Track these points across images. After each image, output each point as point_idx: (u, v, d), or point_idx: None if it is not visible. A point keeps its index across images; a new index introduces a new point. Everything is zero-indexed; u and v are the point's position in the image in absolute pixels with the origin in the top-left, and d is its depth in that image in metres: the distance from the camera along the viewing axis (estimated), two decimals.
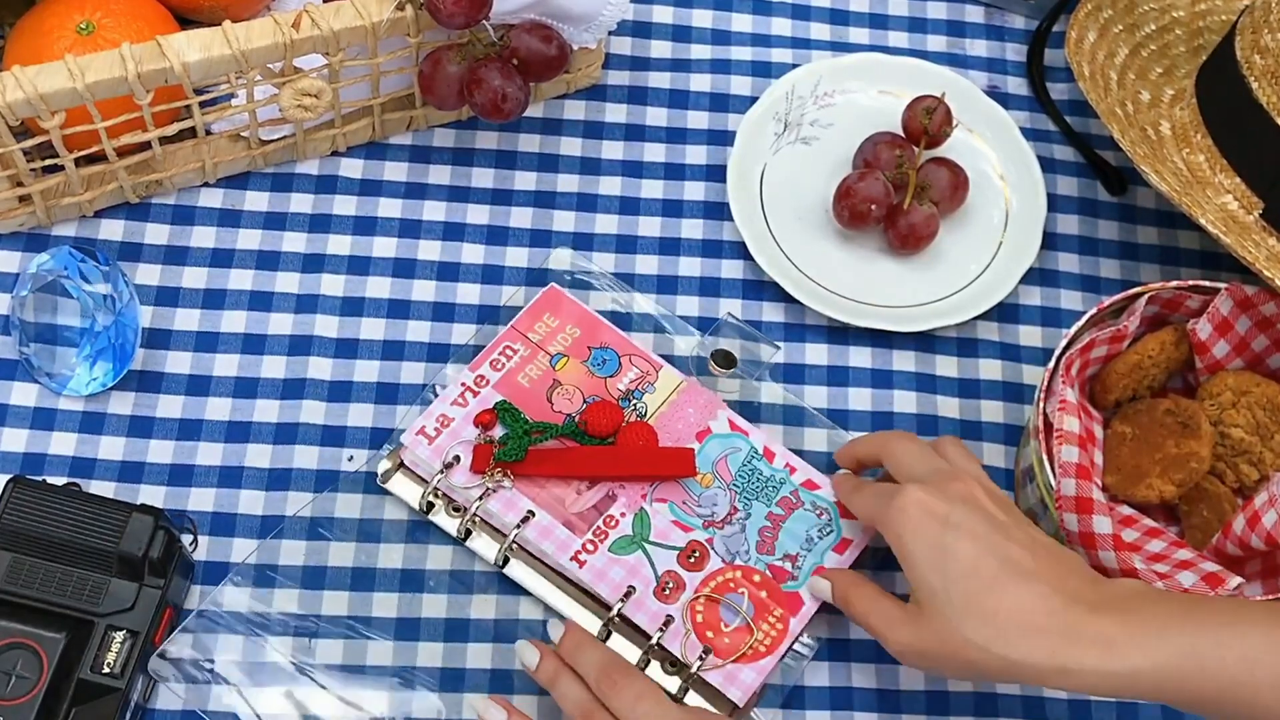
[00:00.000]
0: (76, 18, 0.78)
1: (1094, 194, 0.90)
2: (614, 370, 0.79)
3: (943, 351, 0.84)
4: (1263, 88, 0.77)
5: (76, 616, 0.68)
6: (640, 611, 0.72)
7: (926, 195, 0.85)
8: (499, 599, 0.74)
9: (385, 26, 0.76)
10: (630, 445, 0.76)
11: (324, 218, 0.84)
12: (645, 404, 0.78)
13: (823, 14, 0.95)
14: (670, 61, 0.92)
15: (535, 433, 0.75)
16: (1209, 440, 0.76)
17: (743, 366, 0.81)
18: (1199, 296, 0.78)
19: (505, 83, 0.78)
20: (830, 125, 0.90)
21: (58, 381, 0.76)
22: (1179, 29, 0.92)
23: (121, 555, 0.67)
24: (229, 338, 0.80)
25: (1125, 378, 0.78)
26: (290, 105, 0.78)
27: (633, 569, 0.73)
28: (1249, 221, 0.79)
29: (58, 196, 0.80)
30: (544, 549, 0.73)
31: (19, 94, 0.71)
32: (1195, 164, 0.82)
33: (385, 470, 0.76)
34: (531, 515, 0.74)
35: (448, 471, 0.74)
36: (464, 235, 0.85)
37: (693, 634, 0.72)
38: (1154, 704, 0.75)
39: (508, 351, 0.78)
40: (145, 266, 0.81)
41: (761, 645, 0.72)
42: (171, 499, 0.76)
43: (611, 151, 0.88)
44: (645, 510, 0.75)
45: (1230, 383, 0.78)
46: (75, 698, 0.67)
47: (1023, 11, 0.96)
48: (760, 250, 0.84)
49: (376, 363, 0.80)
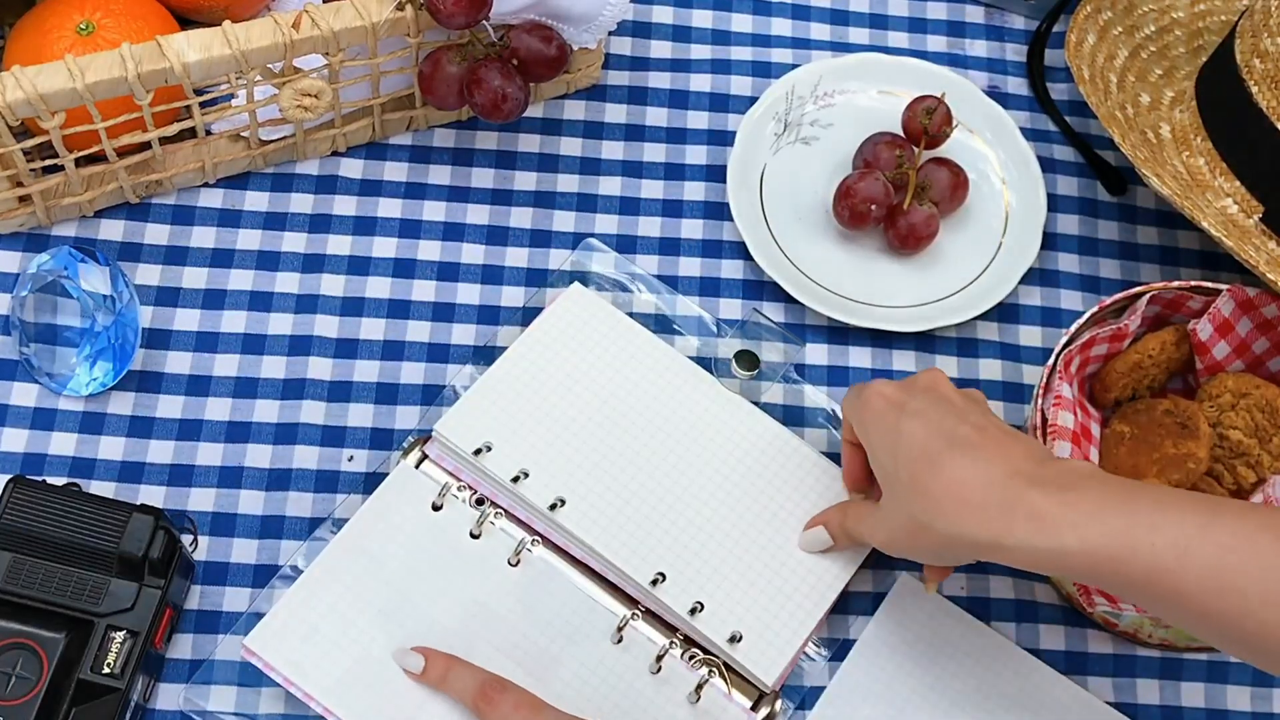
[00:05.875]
0: (76, 18, 0.78)
1: (1094, 194, 0.90)
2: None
3: (943, 351, 0.84)
4: (1262, 92, 0.77)
5: (76, 616, 0.68)
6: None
7: (926, 195, 0.85)
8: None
9: (385, 26, 0.76)
10: None
11: (324, 218, 0.84)
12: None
13: (823, 14, 0.95)
14: (670, 61, 0.92)
15: None
16: (1207, 441, 0.76)
17: (765, 367, 0.81)
18: (1200, 297, 0.78)
19: (505, 83, 0.78)
20: (830, 125, 0.90)
21: (58, 381, 0.76)
22: (1178, 30, 0.92)
23: (121, 555, 0.67)
24: (229, 338, 0.80)
25: (1125, 377, 0.78)
26: (290, 105, 0.78)
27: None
28: (1249, 225, 0.79)
29: (58, 196, 0.80)
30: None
31: (19, 94, 0.71)
32: (1195, 167, 0.82)
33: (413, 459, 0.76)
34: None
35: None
36: (464, 235, 0.85)
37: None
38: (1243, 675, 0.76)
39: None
40: (145, 266, 0.81)
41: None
42: (171, 499, 0.76)
43: (611, 151, 0.88)
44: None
45: (1230, 385, 0.78)
46: (75, 698, 0.67)
47: (1023, 12, 0.96)
48: (760, 250, 0.84)
49: (376, 363, 0.80)
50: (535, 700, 0.67)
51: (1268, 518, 0.59)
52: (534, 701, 0.67)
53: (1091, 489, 0.62)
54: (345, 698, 0.69)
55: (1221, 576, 0.58)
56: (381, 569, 0.72)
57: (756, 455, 0.77)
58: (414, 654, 0.70)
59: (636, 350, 0.80)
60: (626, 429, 0.77)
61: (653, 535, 0.74)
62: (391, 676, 0.70)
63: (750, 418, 0.79)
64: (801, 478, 0.77)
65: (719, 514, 0.76)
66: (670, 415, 0.78)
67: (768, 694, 0.73)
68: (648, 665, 0.73)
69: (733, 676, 0.73)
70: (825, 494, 0.77)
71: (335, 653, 0.70)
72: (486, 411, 0.76)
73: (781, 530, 0.76)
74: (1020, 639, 0.77)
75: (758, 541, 0.75)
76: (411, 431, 0.78)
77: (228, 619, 0.73)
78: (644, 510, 0.75)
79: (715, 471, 0.77)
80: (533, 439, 0.76)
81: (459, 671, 0.69)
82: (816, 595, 0.74)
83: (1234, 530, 0.59)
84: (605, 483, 0.75)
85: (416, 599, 0.72)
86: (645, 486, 0.76)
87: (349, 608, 0.71)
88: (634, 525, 0.74)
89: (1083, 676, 0.76)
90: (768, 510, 0.76)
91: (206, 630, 0.73)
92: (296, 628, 0.70)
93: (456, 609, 0.72)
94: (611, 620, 0.73)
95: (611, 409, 0.78)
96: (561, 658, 0.72)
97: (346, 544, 0.73)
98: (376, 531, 0.73)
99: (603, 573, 0.74)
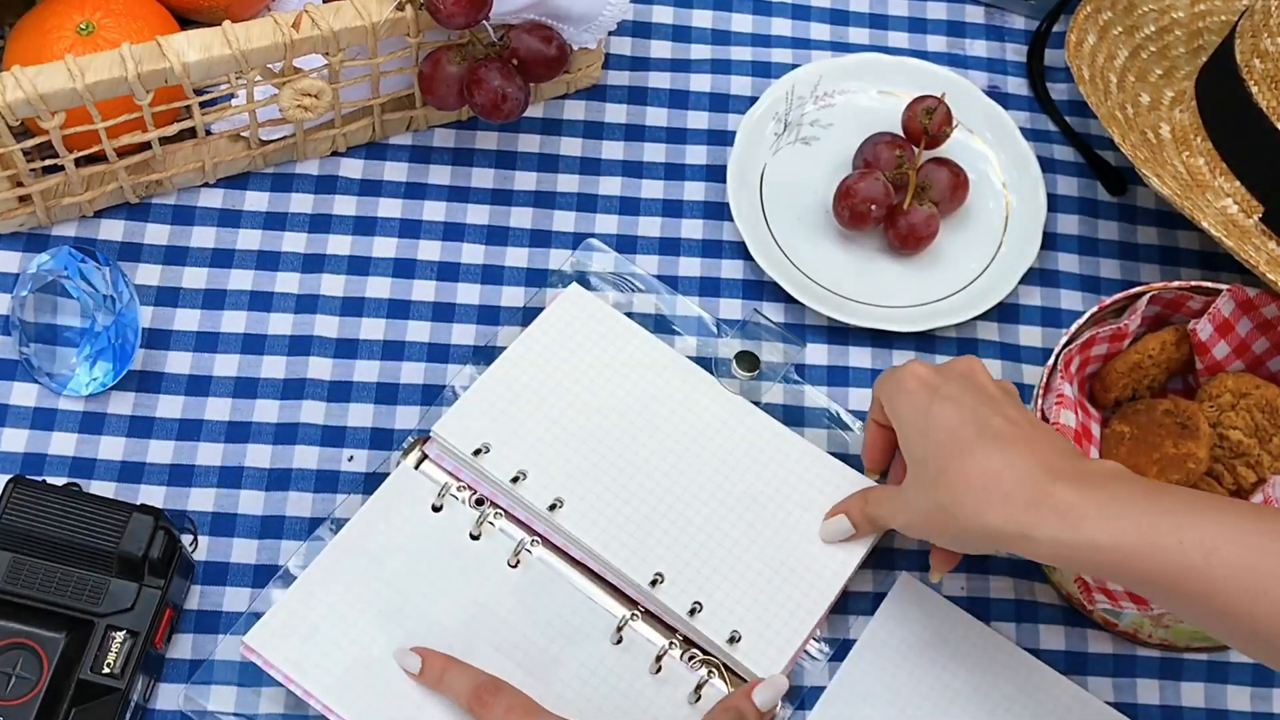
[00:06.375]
0: (76, 18, 0.78)
1: (1094, 194, 0.90)
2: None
3: (943, 351, 0.84)
4: (1262, 92, 0.77)
5: (76, 616, 0.68)
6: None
7: (926, 195, 0.85)
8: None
9: (385, 26, 0.76)
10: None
11: (324, 218, 0.84)
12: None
13: (823, 14, 0.95)
14: (670, 61, 0.92)
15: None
16: (1207, 442, 0.76)
17: (766, 368, 0.81)
18: (1201, 297, 0.78)
19: (505, 83, 0.78)
20: (830, 125, 0.90)
21: (58, 381, 0.76)
22: (1179, 30, 0.92)
23: (121, 555, 0.67)
24: (229, 338, 0.80)
25: (1125, 377, 0.78)
26: (290, 105, 0.78)
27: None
28: (1249, 225, 0.79)
29: (58, 196, 0.80)
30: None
31: (19, 94, 0.71)
32: (1195, 167, 0.82)
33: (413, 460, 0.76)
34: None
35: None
36: (464, 235, 0.85)
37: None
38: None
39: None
40: (145, 266, 0.81)
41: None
42: (171, 499, 0.76)
43: (611, 151, 0.88)
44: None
45: (1230, 385, 0.78)
46: (75, 698, 0.67)
47: (1023, 12, 0.96)
48: (760, 250, 0.84)
49: (376, 363, 0.80)
50: (529, 703, 0.67)
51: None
52: (528, 704, 0.67)
53: (1120, 487, 0.62)
54: (345, 696, 0.69)
55: (1250, 577, 0.58)
56: (381, 569, 0.73)
57: (755, 455, 0.77)
58: (412, 654, 0.70)
59: (635, 351, 0.80)
60: (625, 429, 0.77)
61: (651, 536, 0.74)
62: (391, 675, 0.70)
63: (750, 417, 0.79)
64: (801, 474, 0.77)
65: (718, 514, 0.76)
66: (669, 416, 0.78)
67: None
68: (647, 666, 0.73)
69: (732, 677, 0.73)
70: (826, 490, 0.77)
71: (335, 651, 0.70)
72: (485, 413, 0.76)
73: (780, 530, 0.75)
74: (1020, 639, 0.77)
75: (757, 542, 0.75)
76: (411, 431, 0.78)
77: (228, 619, 0.73)
78: (643, 511, 0.75)
79: (714, 471, 0.77)
80: (531, 439, 0.76)
81: (455, 672, 0.69)
82: (815, 595, 0.74)
83: (1263, 531, 0.59)
84: (604, 483, 0.75)
85: (416, 599, 0.72)
86: (644, 486, 0.76)
87: (349, 607, 0.71)
88: (633, 526, 0.74)
89: (1083, 676, 0.76)
90: (766, 510, 0.76)
91: (206, 630, 0.73)
92: (296, 626, 0.70)
93: (456, 609, 0.72)
94: (611, 621, 0.73)
95: (610, 409, 0.78)
96: (561, 658, 0.72)
97: (346, 544, 0.73)
98: (376, 532, 0.73)
99: (602, 573, 0.74)
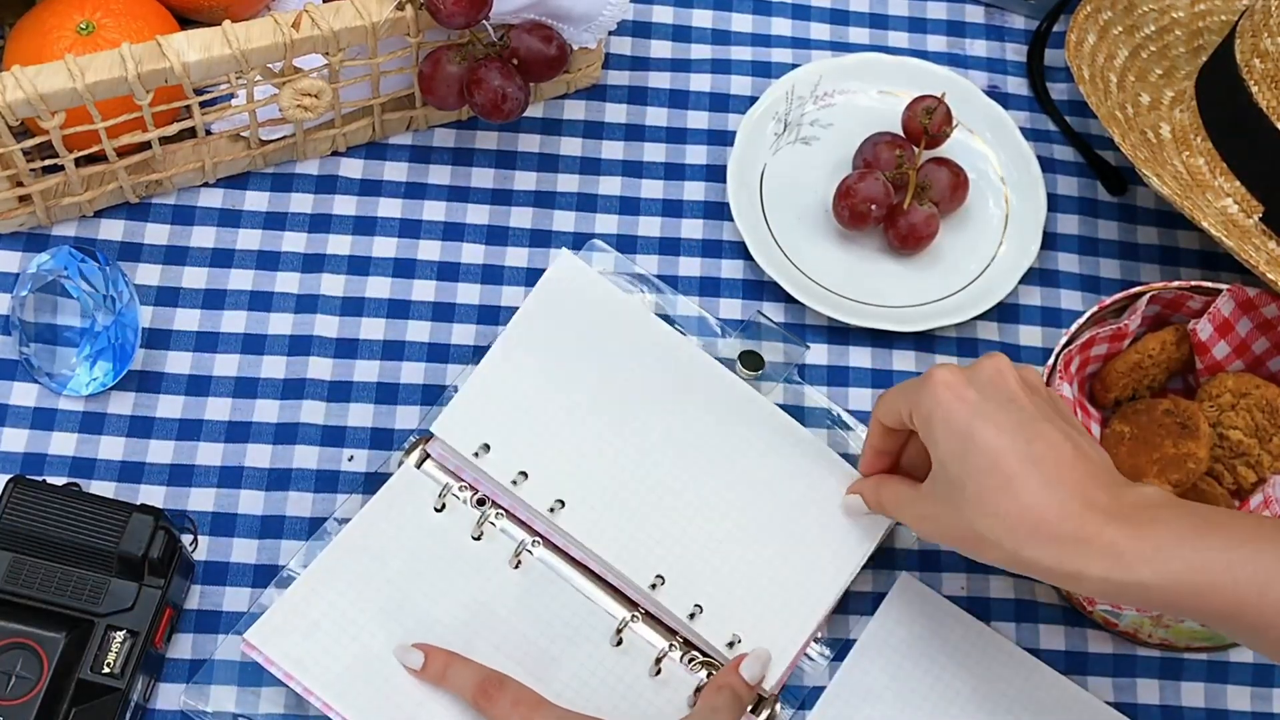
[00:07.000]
0: (76, 18, 0.78)
1: (1094, 194, 0.90)
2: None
3: (943, 351, 0.84)
4: (1262, 92, 0.77)
5: (76, 616, 0.68)
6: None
7: (926, 195, 0.85)
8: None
9: (385, 26, 0.76)
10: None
11: (324, 218, 0.84)
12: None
13: (823, 14, 0.95)
14: (670, 61, 0.92)
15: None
16: (1207, 441, 0.76)
17: (770, 368, 0.81)
18: (1201, 297, 0.78)
19: (505, 83, 0.78)
20: (830, 125, 0.90)
21: (58, 381, 0.76)
22: (1179, 29, 0.92)
23: (121, 555, 0.67)
24: (229, 338, 0.80)
25: (1125, 377, 0.78)
26: (290, 105, 0.78)
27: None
28: (1249, 225, 0.79)
29: (58, 196, 0.80)
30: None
31: (19, 94, 0.70)
32: (1195, 167, 0.82)
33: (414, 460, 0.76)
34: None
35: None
36: (464, 235, 0.85)
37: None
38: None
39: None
40: (145, 266, 0.81)
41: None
42: (171, 499, 0.76)
43: (611, 151, 0.88)
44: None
45: (1230, 384, 0.78)
46: (75, 698, 0.67)
47: (1023, 11, 0.96)
48: (760, 250, 0.84)
49: (376, 363, 0.80)
50: (534, 697, 0.68)
51: None
52: (533, 698, 0.67)
53: (1167, 520, 0.62)
54: (346, 693, 0.69)
55: None
56: (383, 569, 0.72)
57: (760, 449, 0.77)
58: (414, 650, 0.70)
59: (634, 328, 0.79)
60: (626, 421, 0.77)
61: (652, 538, 0.74)
62: (392, 673, 0.70)
63: (752, 405, 0.78)
64: (807, 470, 0.77)
65: (718, 513, 0.75)
66: (670, 404, 0.77)
67: (767, 697, 0.73)
68: (647, 668, 0.72)
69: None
70: (826, 487, 0.76)
71: (336, 649, 0.70)
72: (483, 409, 0.76)
73: (781, 535, 0.75)
74: (1020, 639, 0.77)
75: (757, 546, 0.75)
76: (412, 431, 0.78)
77: (228, 619, 0.73)
78: (643, 511, 0.75)
79: (716, 471, 0.76)
80: (530, 436, 0.76)
81: (458, 668, 0.69)
82: (814, 600, 0.74)
83: None
84: (604, 483, 0.75)
85: (417, 598, 0.72)
86: (644, 485, 0.75)
87: (350, 606, 0.71)
88: (633, 527, 0.74)
89: (1083, 676, 0.76)
90: (764, 511, 0.76)
91: (206, 630, 0.73)
92: (297, 624, 0.70)
93: (457, 609, 0.72)
94: (611, 622, 0.73)
95: (610, 398, 0.77)
96: (561, 659, 0.72)
97: (348, 543, 0.73)
98: (379, 531, 0.73)
99: (603, 575, 0.74)
